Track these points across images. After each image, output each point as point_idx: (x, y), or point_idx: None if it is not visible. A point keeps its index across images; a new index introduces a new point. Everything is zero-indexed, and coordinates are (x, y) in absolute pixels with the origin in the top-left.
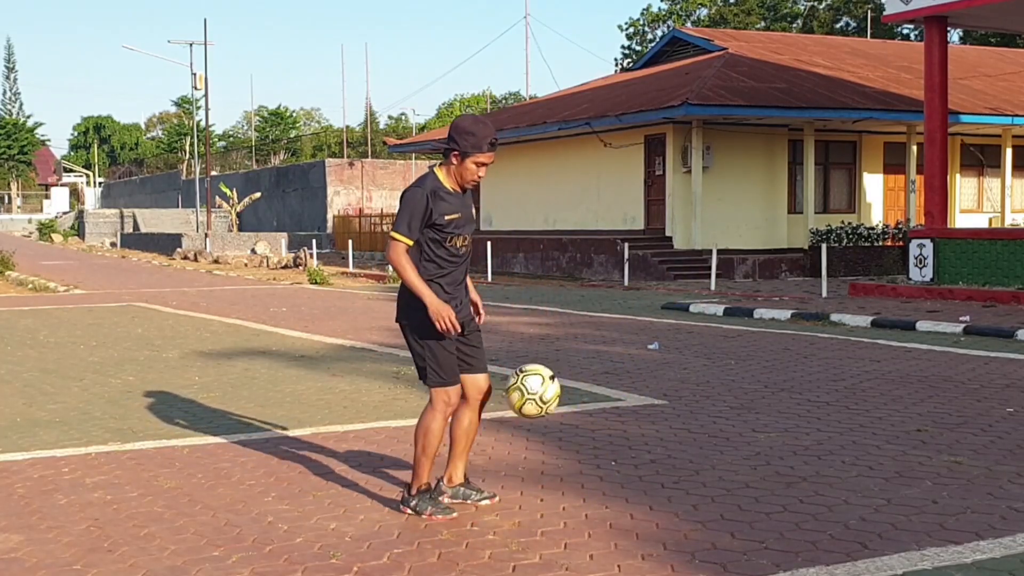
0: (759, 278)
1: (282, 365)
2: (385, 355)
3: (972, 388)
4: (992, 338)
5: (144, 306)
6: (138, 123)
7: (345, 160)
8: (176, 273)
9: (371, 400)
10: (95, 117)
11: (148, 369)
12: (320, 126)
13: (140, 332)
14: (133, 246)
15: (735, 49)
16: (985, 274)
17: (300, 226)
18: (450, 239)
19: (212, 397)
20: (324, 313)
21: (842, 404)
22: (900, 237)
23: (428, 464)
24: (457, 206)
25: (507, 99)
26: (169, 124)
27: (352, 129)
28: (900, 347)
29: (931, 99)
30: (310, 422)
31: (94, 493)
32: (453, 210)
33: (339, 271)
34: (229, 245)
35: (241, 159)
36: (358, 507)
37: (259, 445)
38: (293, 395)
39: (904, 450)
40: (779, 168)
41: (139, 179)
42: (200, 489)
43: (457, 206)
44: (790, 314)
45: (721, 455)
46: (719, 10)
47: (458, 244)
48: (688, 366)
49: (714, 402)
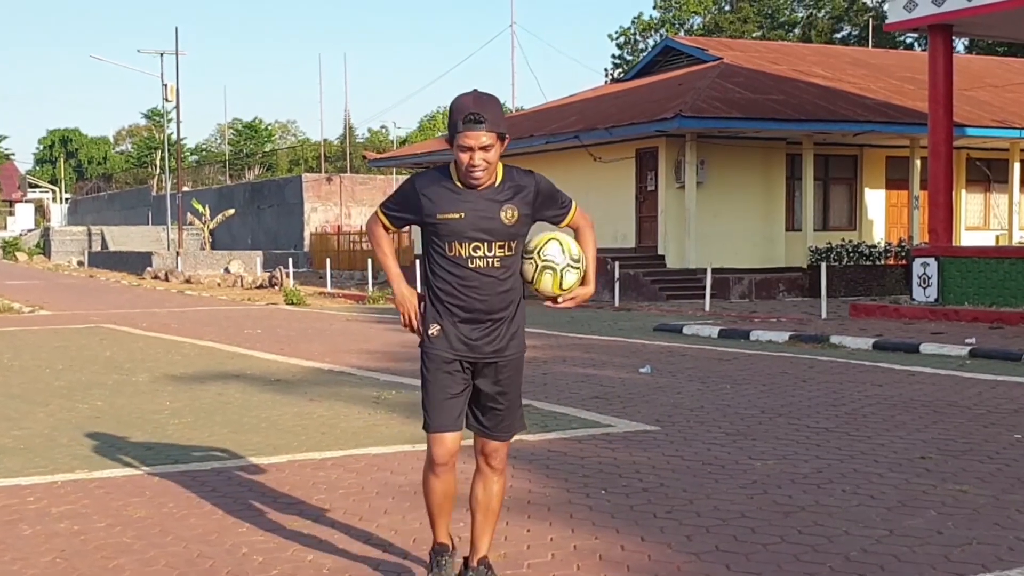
0: (756, 298)
1: (257, 389)
2: (365, 379)
3: (978, 414)
4: (999, 361)
5: (113, 328)
6: (106, 136)
7: (323, 175)
8: (146, 293)
9: (350, 426)
10: (61, 130)
11: (117, 394)
12: (297, 140)
13: (109, 355)
14: (101, 265)
15: (730, 59)
16: (992, 294)
17: (276, 244)
18: (449, 246)
19: (184, 423)
20: (301, 335)
21: (842, 430)
22: (903, 256)
23: (432, 520)
24: (459, 204)
25: None
26: (139, 137)
27: (330, 143)
28: (903, 371)
29: (935, 111)
30: (286, 449)
31: (60, 523)
32: (452, 208)
33: (317, 291)
34: (201, 264)
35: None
36: (336, 538)
37: (233, 473)
38: (268, 421)
39: (907, 478)
40: (776, 183)
41: (107, 195)
42: (171, 519)
43: (459, 204)
44: (788, 336)
45: (716, 483)
46: (714, 18)
47: (461, 253)
48: (681, 390)
49: (709, 428)
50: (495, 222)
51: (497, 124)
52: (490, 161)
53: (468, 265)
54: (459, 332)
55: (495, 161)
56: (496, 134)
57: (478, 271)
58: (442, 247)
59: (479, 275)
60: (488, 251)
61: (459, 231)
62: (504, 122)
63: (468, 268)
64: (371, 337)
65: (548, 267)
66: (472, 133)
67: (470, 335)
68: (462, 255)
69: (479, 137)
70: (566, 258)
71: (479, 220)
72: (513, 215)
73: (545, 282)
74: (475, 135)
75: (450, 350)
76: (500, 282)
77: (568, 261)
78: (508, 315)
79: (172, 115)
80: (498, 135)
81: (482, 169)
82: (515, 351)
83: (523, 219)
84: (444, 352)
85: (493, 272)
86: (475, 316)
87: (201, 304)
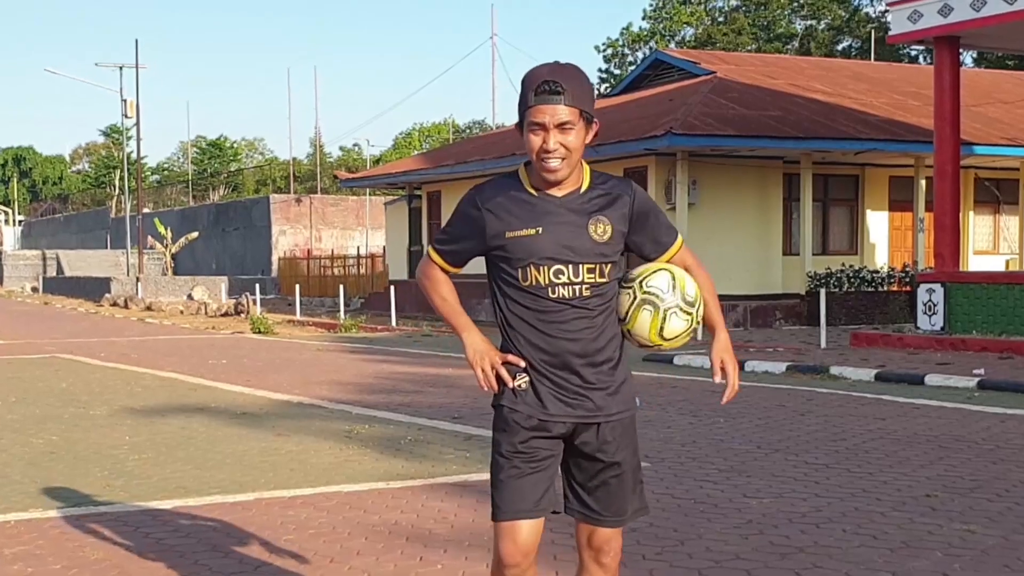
0: (751, 327)
1: (222, 423)
2: (336, 412)
3: (987, 449)
4: (1009, 393)
5: (69, 358)
6: (62, 155)
7: (292, 196)
8: (104, 321)
9: (320, 462)
10: (15, 148)
11: (73, 428)
12: (264, 158)
13: (65, 387)
14: (57, 291)
15: (724, 73)
16: (1002, 322)
17: (242, 269)
18: (523, 273)
19: (144, 459)
20: (268, 366)
21: (843, 466)
22: (907, 281)
23: None
24: (535, 216)
25: (471, 128)
26: (97, 156)
27: (299, 162)
28: (907, 403)
29: (941, 128)
30: (253, 486)
31: (13, 565)
32: (526, 222)
33: (285, 319)
34: (163, 290)
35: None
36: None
37: (196, 512)
38: (234, 456)
39: (911, 517)
40: (773, 205)
41: (63, 217)
42: (130, 561)
43: (535, 216)
44: (785, 367)
45: (709, 523)
46: (706, 30)
47: (539, 280)
48: (672, 424)
49: (701, 464)
50: (583, 238)
51: (582, 100)
52: (570, 148)
53: (549, 295)
54: (548, 386)
55: (578, 149)
56: (580, 112)
57: (563, 302)
58: (515, 276)
59: (565, 307)
60: (574, 276)
61: (535, 251)
62: (593, 102)
63: (550, 299)
64: (343, 368)
65: (649, 302)
66: (546, 107)
67: (563, 388)
68: (541, 283)
69: (556, 111)
70: (676, 297)
71: (562, 235)
72: (606, 230)
73: (642, 321)
74: (551, 109)
75: (541, 409)
76: (593, 318)
77: (678, 301)
78: (609, 359)
79: (132, 132)
80: (583, 114)
81: (559, 157)
82: (624, 408)
83: (617, 236)
84: (529, 412)
85: (583, 304)
86: (565, 362)
87: (163, 333)
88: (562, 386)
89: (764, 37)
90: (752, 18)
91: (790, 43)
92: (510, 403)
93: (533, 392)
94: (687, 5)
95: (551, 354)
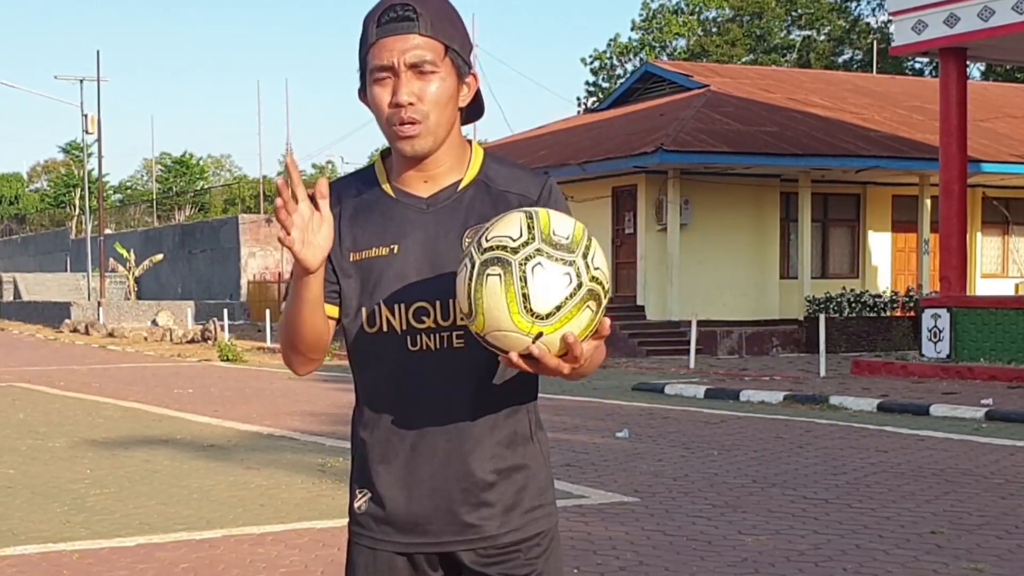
0: (746, 354)
1: (188, 456)
2: (308, 444)
3: (995, 483)
4: (1019, 425)
5: (27, 387)
6: (19, 173)
7: (262, 216)
8: (64, 348)
9: (292, 497)
10: None
11: (31, 460)
12: (232, 176)
13: (22, 417)
14: (13, 316)
15: (718, 86)
16: (1011, 350)
17: (209, 293)
18: (371, 315)
19: (106, 493)
20: (237, 395)
21: (843, 502)
22: (911, 306)
23: None
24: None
25: None
26: (56, 174)
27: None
28: (911, 435)
29: (947, 144)
30: (221, 523)
31: None
32: (373, 238)
33: (255, 346)
34: (126, 315)
35: (140, 215)
36: None
37: (161, 550)
38: (201, 491)
39: (916, 555)
40: (770, 225)
41: (20, 238)
42: None
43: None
44: (783, 396)
45: (702, 561)
46: (699, 41)
47: (394, 326)
48: (663, 457)
49: (693, 499)
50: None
51: (445, 32)
52: (432, 101)
53: (408, 346)
54: (406, 490)
55: (445, 108)
56: (445, 49)
57: (429, 355)
58: (359, 317)
59: (431, 363)
60: (442, 318)
61: (388, 281)
62: (467, 46)
63: (409, 351)
64: (316, 398)
65: (493, 261)
66: (393, 40)
67: (426, 496)
68: (396, 328)
69: (407, 43)
70: (536, 240)
71: (426, 256)
72: None
73: (492, 299)
74: (399, 41)
75: (392, 530)
76: (470, 376)
77: (539, 245)
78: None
79: (93, 149)
80: (450, 54)
81: (416, 121)
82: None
83: None
84: (377, 534)
85: (457, 357)
86: (431, 450)
87: (126, 360)
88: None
89: (760, 48)
90: (747, 28)
91: (787, 55)
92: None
93: (387, 502)
94: (678, 15)
95: (408, 442)
